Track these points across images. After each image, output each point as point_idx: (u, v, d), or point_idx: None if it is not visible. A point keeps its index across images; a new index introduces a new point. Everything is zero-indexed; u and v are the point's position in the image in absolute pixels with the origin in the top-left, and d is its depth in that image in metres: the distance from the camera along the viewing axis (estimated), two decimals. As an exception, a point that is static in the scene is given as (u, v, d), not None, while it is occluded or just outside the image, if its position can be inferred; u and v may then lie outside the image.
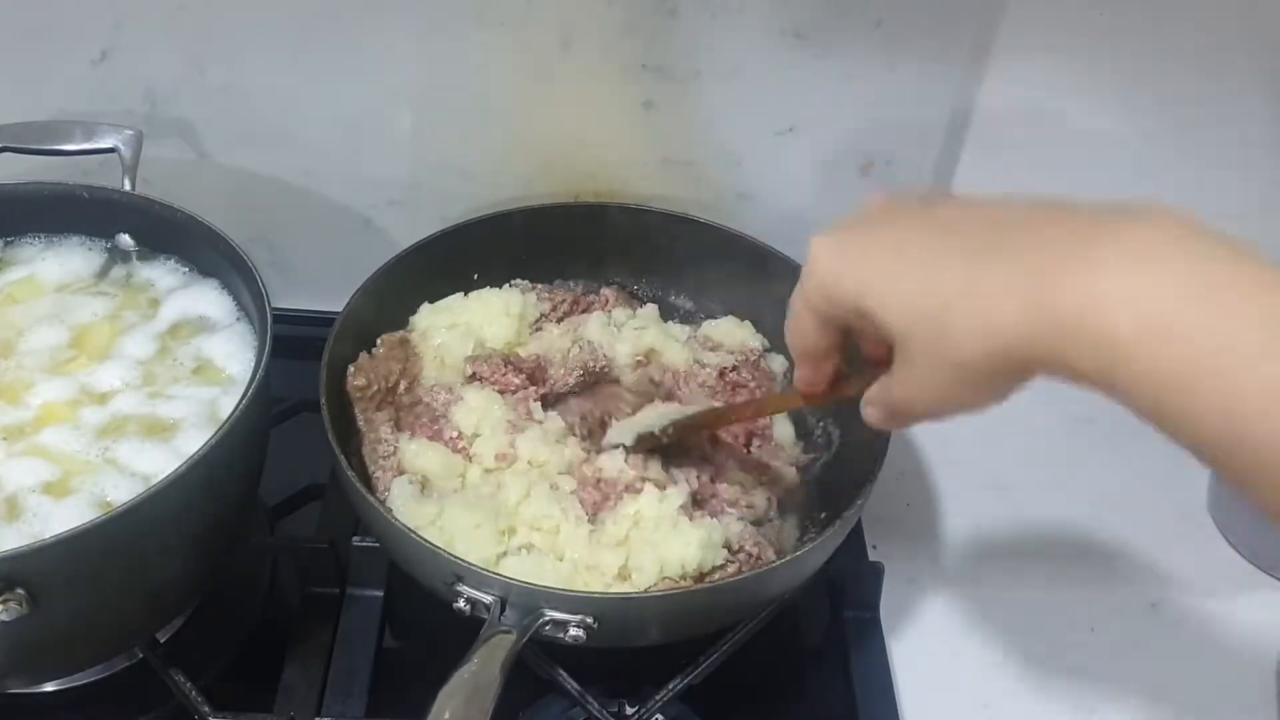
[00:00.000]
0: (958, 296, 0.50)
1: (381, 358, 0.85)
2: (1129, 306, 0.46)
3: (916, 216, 0.56)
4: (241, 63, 0.88)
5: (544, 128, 0.93)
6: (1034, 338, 0.48)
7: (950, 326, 0.51)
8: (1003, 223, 0.52)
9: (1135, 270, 0.46)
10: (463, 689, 0.60)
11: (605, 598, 0.69)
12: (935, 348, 0.52)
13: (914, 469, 0.96)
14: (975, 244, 0.51)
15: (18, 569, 0.57)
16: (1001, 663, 0.83)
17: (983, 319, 0.50)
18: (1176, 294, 0.45)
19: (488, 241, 0.91)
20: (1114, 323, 0.46)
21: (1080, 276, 0.47)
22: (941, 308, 0.51)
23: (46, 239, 0.83)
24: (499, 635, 0.64)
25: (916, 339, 0.53)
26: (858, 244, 0.56)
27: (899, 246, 0.54)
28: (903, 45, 0.86)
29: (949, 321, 0.51)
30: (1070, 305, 0.47)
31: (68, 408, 0.72)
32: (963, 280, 0.50)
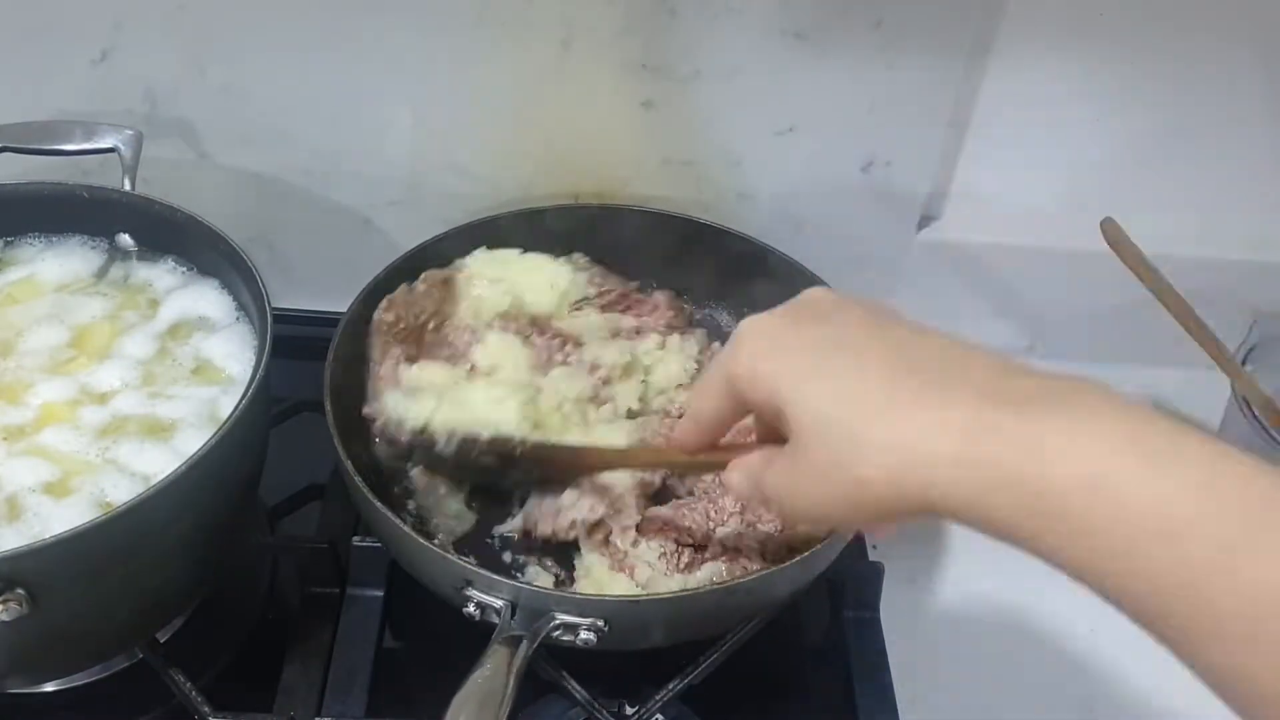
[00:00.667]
0: (881, 413, 0.48)
1: (420, 294, 0.85)
2: (1075, 461, 0.44)
3: (859, 322, 0.53)
4: (241, 63, 0.88)
5: (544, 128, 0.93)
6: (953, 478, 0.46)
7: (863, 446, 0.48)
8: (946, 356, 0.50)
9: (1080, 429, 0.44)
10: (476, 695, 0.60)
11: (615, 601, 0.69)
12: (840, 457, 0.49)
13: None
14: (912, 367, 0.49)
15: (18, 569, 0.57)
16: (1001, 663, 0.83)
17: (902, 444, 0.47)
18: (1118, 449, 0.44)
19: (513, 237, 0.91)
20: (1053, 476, 0.44)
21: (1023, 426, 0.45)
22: (860, 424, 0.49)
23: (46, 239, 0.83)
24: (509, 640, 0.64)
25: (822, 446, 0.50)
26: (789, 334, 0.54)
27: (832, 348, 0.52)
28: (903, 45, 0.86)
29: (863, 436, 0.48)
30: (1006, 453, 0.45)
31: (68, 408, 0.72)
32: (890, 399, 0.48)
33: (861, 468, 0.48)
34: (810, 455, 0.51)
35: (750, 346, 0.55)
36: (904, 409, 0.48)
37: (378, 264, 0.86)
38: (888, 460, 0.47)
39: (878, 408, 0.48)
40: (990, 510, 0.45)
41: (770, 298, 0.90)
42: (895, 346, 0.51)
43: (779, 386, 0.52)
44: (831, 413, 0.50)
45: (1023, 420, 0.45)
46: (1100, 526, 0.43)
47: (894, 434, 0.47)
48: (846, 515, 0.52)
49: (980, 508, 0.45)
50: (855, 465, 0.48)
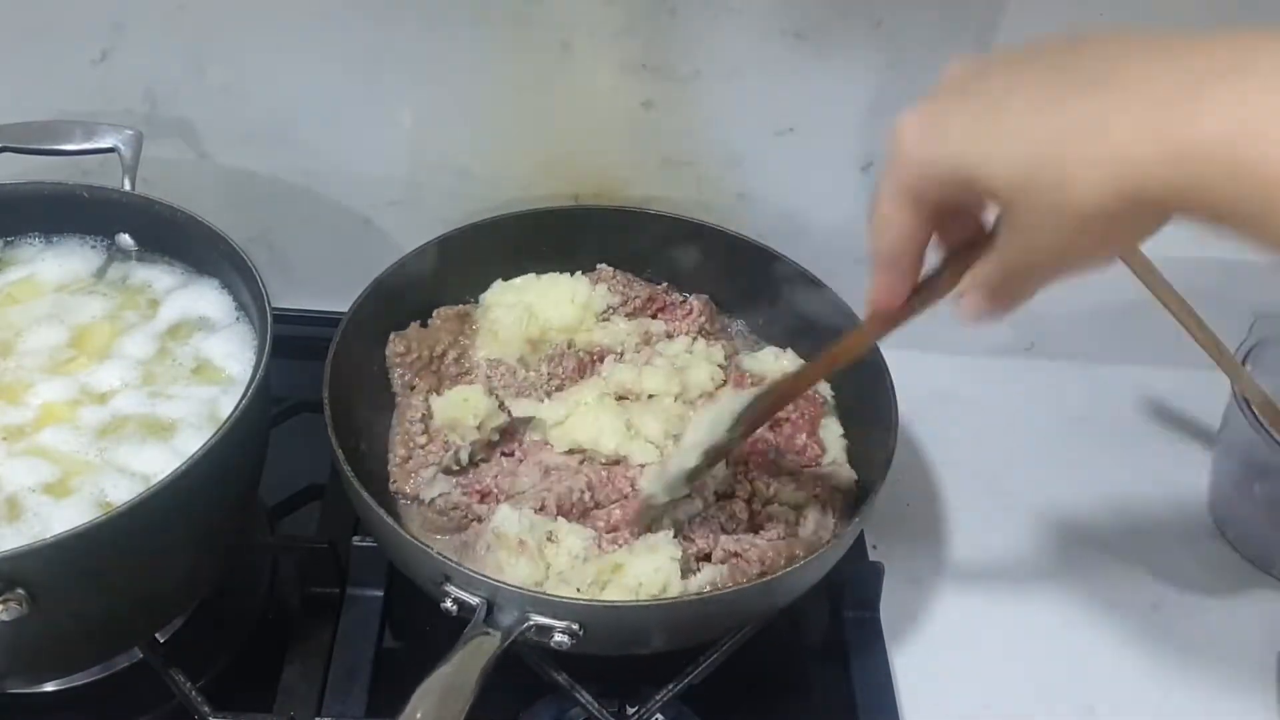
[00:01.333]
0: (1077, 136, 0.45)
1: (433, 329, 0.87)
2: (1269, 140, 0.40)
3: (1008, 69, 0.50)
4: (241, 63, 0.88)
5: (544, 128, 0.93)
6: (1173, 176, 0.43)
7: (1072, 170, 0.45)
8: (1114, 54, 0.47)
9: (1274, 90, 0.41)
10: (437, 689, 0.60)
11: (590, 605, 0.69)
12: (1055, 197, 0.46)
13: (914, 469, 0.96)
14: (1087, 79, 0.46)
15: (18, 569, 0.57)
16: (1001, 663, 0.83)
17: (1110, 157, 0.44)
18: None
19: (506, 240, 0.92)
20: (1274, 152, 0.41)
21: (1228, 101, 0.42)
22: (1059, 152, 0.46)
23: (46, 239, 0.83)
24: (480, 637, 0.64)
25: (1032, 192, 0.47)
26: (948, 110, 0.51)
27: (998, 100, 0.49)
28: (903, 45, 0.86)
29: (1070, 165, 0.45)
30: (1217, 134, 0.42)
31: (67, 408, 0.72)
32: (1083, 118, 0.45)
33: (1078, 196, 0.45)
34: (1026, 211, 0.48)
35: (914, 138, 0.51)
36: (1100, 119, 0.45)
37: (378, 264, 0.86)
38: (1100, 177, 0.45)
39: (1072, 129, 0.46)
40: (1217, 201, 0.43)
41: (770, 298, 0.92)
42: (1060, 67, 0.48)
43: (961, 160, 0.49)
44: (1028, 154, 0.47)
45: (1214, 96, 0.42)
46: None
47: (1098, 149, 0.45)
48: (1092, 250, 0.49)
49: (1208, 200, 0.43)
50: (1072, 197, 0.46)
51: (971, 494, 0.95)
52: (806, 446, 0.83)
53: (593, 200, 0.96)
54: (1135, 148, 0.44)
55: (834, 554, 0.74)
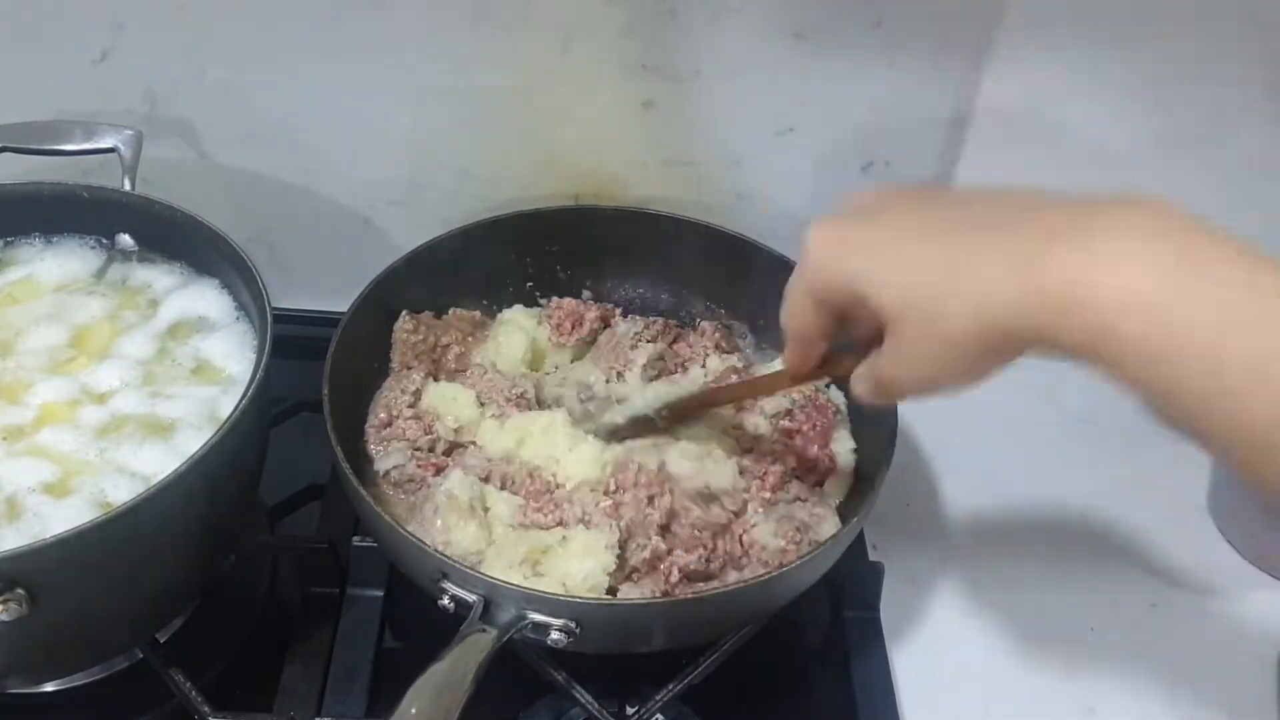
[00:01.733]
0: (952, 275, 0.52)
1: (445, 321, 0.89)
2: (1116, 281, 0.48)
3: (911, 203, 0.58)
4: (241, 63, 0.88)
5: (544, 128, 0.93)
6: (1025, 313, 0.50)
7: (943, 304, 0.53)
8: (997, 207, 0.54)
9: (1122, 248, 0.48)
10: (432, 686, 0.60)
11: (587, 603, 0.69)
12: (927, 326, 0.54)
13: (914, 469, 0.96)
14: (970, 225, 0.54)
15: (18, 569, 0.57)
16: (1001, 663, 0.83)
17: (976, 296, 0.51)
18: (1161, 269, 0.48)
19: (513, 240, 0.92)
20: (1101, 296, 0.48)
21: (1070, 254, 0.49)
22: (935, 286, 0.53)
23: (46, 239, 0.83)
24: (476, 635, 0.64)
25: (909, 318, 0.54)
26: (854, 230, 0.58)
27: (894, 230, 0.56)
28: (903, 45, 0.86)
29: (942, 299, 0.53)
30: (1060, 280, 0.49)
31: (67, 408, 0.72)
32: (957, 259, 0.53)
33: (948, 327, 0.53)
34: (905, 332, 0.55)
35: (819, 251, 0.59)
36: (971, 261, 0.52)
37: (378, 264, 0.86)
38: (966, 308, 0.52)
39: (947, 264, 0.53)
40: (1064, 337, 0.50)
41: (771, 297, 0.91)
42: (953, 209, 0.56)
43: (856, 283, 0.56)
44: (911, 282, 0.54)
45: (1071, 250, 0.49)
46: (1150, 346, 0.48)
47: (967, 286, 0.52)
48: (954, 376, 0.55)
49: (1056, 335, 0.50)
50: (941, 325, 0.53)
51: (971, 494, 0.95)
52: (819, 460, 0.82)
53: (593, 200, 0.96)
54: (997, 288, 0.51)
55: (833, 553, 0.74)
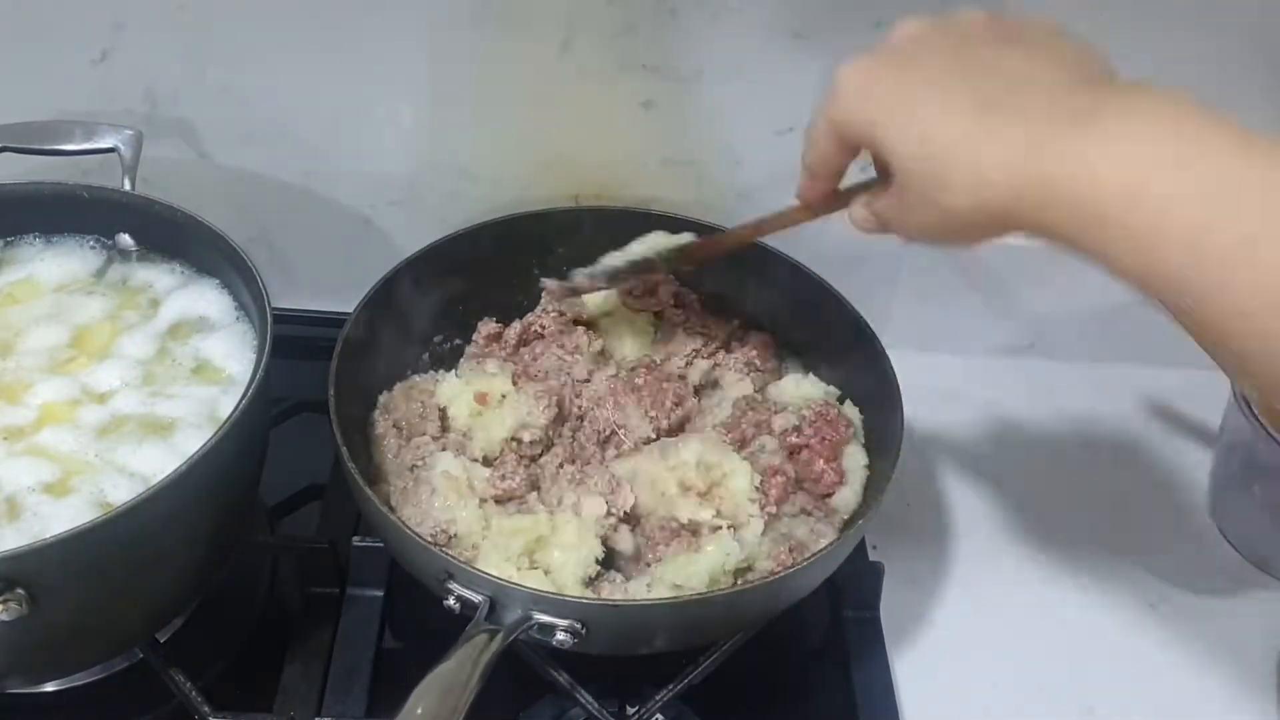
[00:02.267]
0: (958, 147, 0.54)
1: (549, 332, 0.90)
2: (1109, 170, 0.50)
3: (942, 55, 0.58)
4: (241, 63, 0.88)
5: (544, 128, 0.93)
6: (1019, 195, 0.52)
7: (946, 174, 0.55)
8: (1018, 80, 0.55)
9: (1123, 137, 0.50)
10: (438, 686, 0.60)
11: (593, 604, 0.69)
12: (929, 190, 0.56)
13: (914, 469, 0.96)
14: (985, 99, 0.55)
15: (18, 569, 0.57)
16: (1001, 663, 0.83)
17: (976, 172, 0.54)
18: (1155, 157, 0.49)
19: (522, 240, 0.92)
20: (1094, 187, 0.50)
21: (1071, 144, 0.51)
22: (942, 155, 0.55)
23: (46, 239, 0.83)
24: (482, 634, 0.64)
25: (914, 178, 0.57)
26: (880, 79, 0.59)
27: (916, 88, 0.57)
28: (903, 45, 0.86)
29: (946, 169, 0.55)
30: (1057, 173, 0.51)
31: (67, 407, 0.72)
32: (965, 133, 0.54)
33: (946, 197, 0.55)
34: (907, 188, 0.57)
35: (846, 92, 0.60)
36: (974, 137, 0.54)
37: (378, 264, 0.86)
38: (966, 186, 0.54)
39: (955, 142, 0.54)
40: (1051, 222, 0.52)
41: (771, 297, 0.91)
42: (976, 75, 0.56)
43: (875, 130, 0.58)
44: (919, 151, 0.56)
45: (1072, 136, 0.51)
46: (1138, 231, 0.49)
47: (969, 164, 0.54)
48: (946, 235, 0.58)
49: (1043, 220, 0.52)
50: (942, 195, 0.55)
51: (971, 494, 0.95)
52: (824, 473, 0.81)
53: (593, 200, 0.96)
54: (997, 171, 0.53)
55: (837, 556, 0.74)
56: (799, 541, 0.77)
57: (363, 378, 0.84)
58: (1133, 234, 0.49)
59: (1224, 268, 0.47)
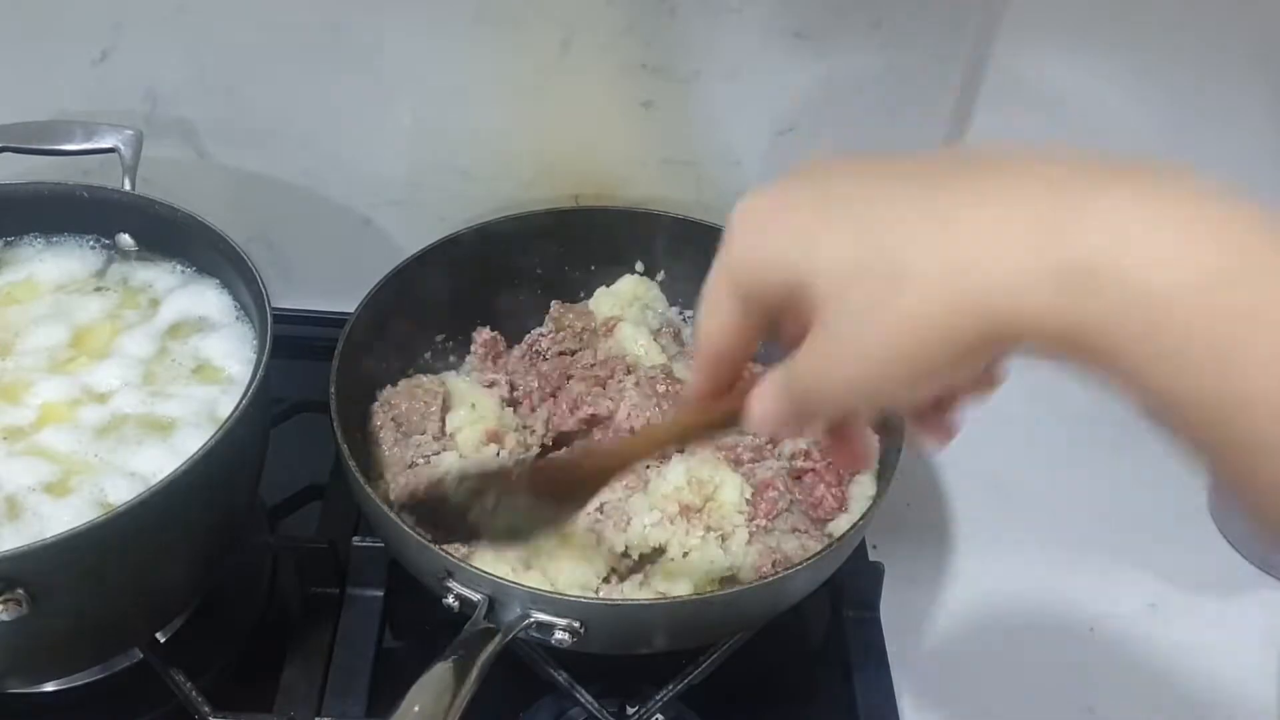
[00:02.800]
0: (927, 227, 0.39)
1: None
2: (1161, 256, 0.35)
3: (862, 165, 0.45)
4: (241, 63, 0.88)
5: (544, 128, 0.93)
6: (1029, 291, 0.37)
7: (904, 274, 0.39)
8: (973, 164, 0.41)
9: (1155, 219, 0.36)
10: (435, 684, 0.60)
11: (592, 603, 0.69)
12: (880, 299, 0.39)
13: (914, 469, 0.96)
14: (944, 178, 0.41)
15: (18, 569, 0.57)
16: (1001, 663, 0.83)
17: (957, 266, 0.38)
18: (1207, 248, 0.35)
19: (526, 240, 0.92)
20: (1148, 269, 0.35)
21: (1098, 220, 0.36)
22: (893, 246, 0.39)
23: (46, 239, 0.83)
24: (480, 633, 0.64)
25: (855, 291, 0.40)
26: (782, 203, 0.44)
27: (845, 192, 0.43)
28: (903, 45, 0.86)
29: (908, 260, 0.39)
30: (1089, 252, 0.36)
31: (67, 407, 0.71)
32: (925, 215, 0.39)
33: (909, 299, 0.38)
34: (842, 314, 0.41)
35: (743, 231, 0.45)
36: (952, 216, 0.39)
37: (378, 264, 0.86)
38: (938, 283, 0.38)
39: (917, 225, 0.39)
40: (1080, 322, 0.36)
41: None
42: (923, 162, 0.43)
43: (787, 257, 0.42)
44: (859, 251, 0.40)
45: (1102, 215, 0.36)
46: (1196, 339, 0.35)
47: (945, 248, 0.38)
48: (901, 372, 0.40)
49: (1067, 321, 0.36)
50: (901, 297, 0.39)
51: (971, 494, 0.95)
52: (824, 499, 0.80)
53: (593, 200, 0.96)
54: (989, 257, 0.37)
55: (838, 557, 0.74)
56: (785, 555, 0.76)
57: (364, 376, 0.84)
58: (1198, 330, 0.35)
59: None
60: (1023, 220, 0.37)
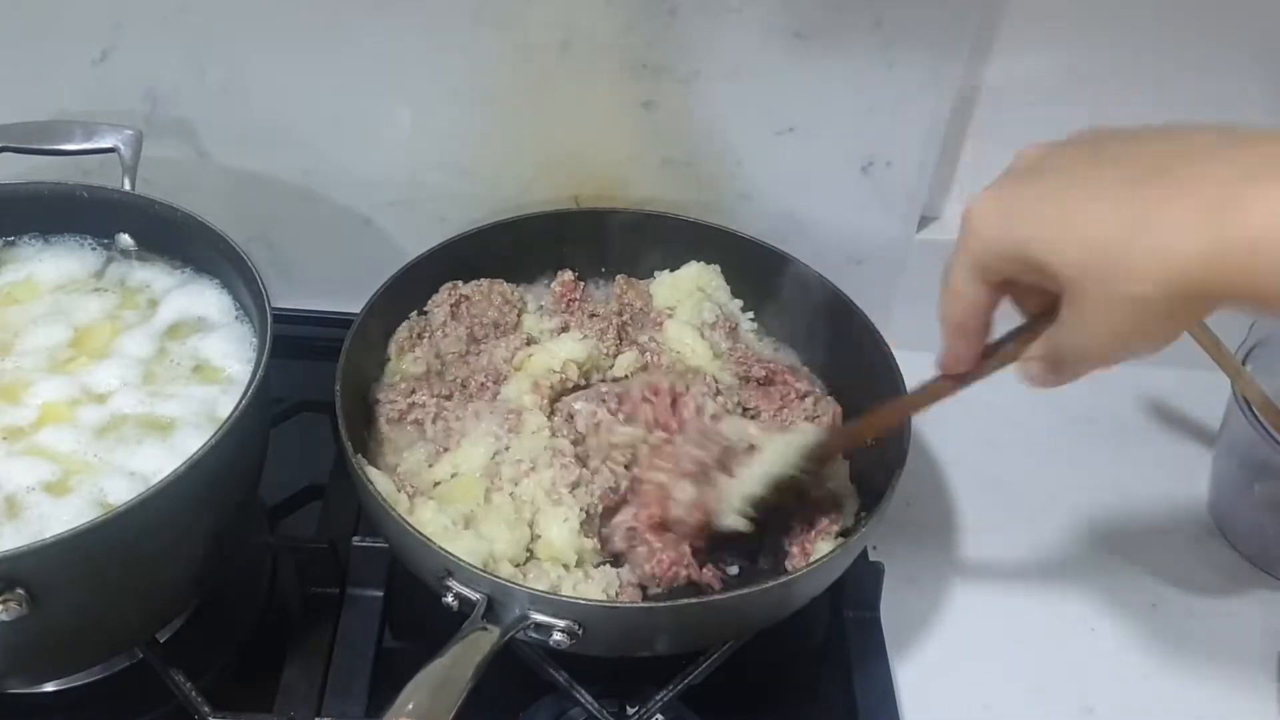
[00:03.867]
0: (1134, 228, 0.49)
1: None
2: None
3: (1075, 157, 0.54)
4: (241, 63, 0.88)
5: (544, 128, 0.93)
6: (1220, 262, 0.47)
7: (1128, 260, 0.49)
8: (1176, 148, 0.51)
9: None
10: (430, 682, 0.60)
11: (590, 605, 0.69)
12: (1112, 285, 0.50)
13: (914, 469, 0.95)
14: (1149, 172, 0.50)
15: (18, 569, 0.57)
16: (1001, 663, 0.83)
17: (1164, 251, 0.48)
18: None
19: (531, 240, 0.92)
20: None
21: (1270, 195, 0.46)
22: (1117, 242, 0.49)
23: (46, 239, 0.83)
24: (477, 633, 0.64)
25: (1091, 278, 0.51)
26: (1019, 194, 0.55)
27: (1063, 188, 0.53)
28: (903, 45, 0.86)
29: (1127, 255, 0.49)
30: (1261, 226, 0.46)
31: (67, 407, 0.71)
32: (1139, 211, 0.49)
33: (1134, 287, 0.49)
34: (1084, 298, 0.51)
35: (986, 219, 0.55)
36: (1155, 212, 0.48)
37: (377, 264, 0.86)
38: (1153, 269, 0.48)
39: (1130, 220, 0.49)
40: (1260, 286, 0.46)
41: (773, 297, 0.92)
42: (1128, 156, 0.52)
43: (1029, 248, 0.52)
44: (1090, 243, 0.50)
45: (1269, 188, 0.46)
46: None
47: (1153, 240, 0.48)
48: (1143, 337, 0.52)
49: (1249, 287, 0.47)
50: (1129, 288, 0.49)
51: (971, 494, 0.95)
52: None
53: (593, 201, 0.96)
54: (1187, 240, 0.47)
55: (841, 561, 0.74)
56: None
57: (367, 374, 0.84)
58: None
59: None
60: (1206, 208, 0.47)
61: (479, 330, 0.88)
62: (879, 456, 0.80)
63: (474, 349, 0.87)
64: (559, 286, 0.92)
